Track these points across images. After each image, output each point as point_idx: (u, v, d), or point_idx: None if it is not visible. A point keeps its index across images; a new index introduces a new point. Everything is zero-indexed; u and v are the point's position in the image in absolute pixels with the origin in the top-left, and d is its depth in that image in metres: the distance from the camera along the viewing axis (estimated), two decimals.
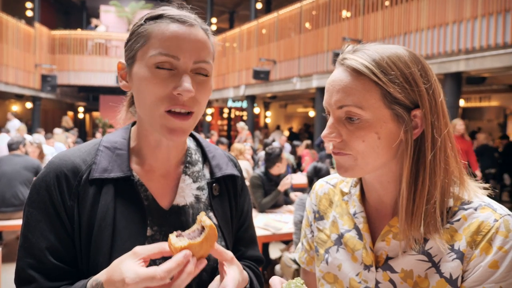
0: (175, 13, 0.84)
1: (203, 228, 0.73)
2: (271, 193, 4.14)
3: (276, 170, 4.22)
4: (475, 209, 0.78)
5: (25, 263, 0.81)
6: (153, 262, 0.80)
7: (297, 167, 8.91)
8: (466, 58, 6.66)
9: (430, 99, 0.78)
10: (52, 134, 8.61)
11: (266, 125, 15.57)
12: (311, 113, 16.99)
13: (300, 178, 6.53)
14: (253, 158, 6.95)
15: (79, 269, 0.83)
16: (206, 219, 0.73)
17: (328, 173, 3.49)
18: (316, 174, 3.51)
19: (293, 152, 9.35)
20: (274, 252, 5.05)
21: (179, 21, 0.82)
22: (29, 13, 15.79)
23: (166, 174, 0.93)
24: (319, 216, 1.01)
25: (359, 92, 0.77)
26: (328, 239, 0.96)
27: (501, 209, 0.78)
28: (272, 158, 4.19)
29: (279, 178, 4.29)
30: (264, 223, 3.72)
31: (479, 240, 0.75)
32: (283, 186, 4.11)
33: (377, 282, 0.84)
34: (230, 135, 18.59)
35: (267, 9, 15.27)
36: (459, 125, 5.95)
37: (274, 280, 0.79)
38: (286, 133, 16.55)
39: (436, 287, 0.77)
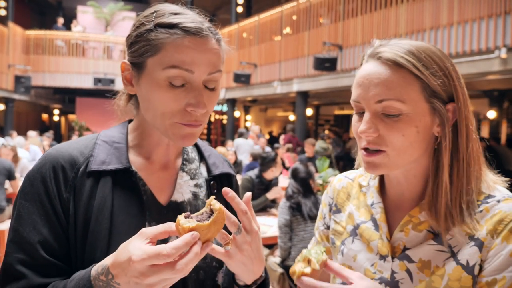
0: (189, 23, 0.80)
1: (211, 211, 0.72)
2: (259, 198, 4.12)
3: (270, 174, 4.21)
4: (498, 201, 0.79)
5: (14, 259, 0.77)
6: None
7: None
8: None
9: (462, 93, 0.80)
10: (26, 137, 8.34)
11: (246, 128, 15.57)
12: (291, 117, 17.09)
13: (282, 181, 6.53)
14: (235, 163, 6.91)
15: (72, 265, 0.80)
16: (215, 203, 0.72)
17: (306, 172, 3.50)
18: (293, 176, 3.51)
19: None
20: None
21: (195, 34, 0.80)
22: (2, 12, 15.30)
23: (165, 169, 0.93)
24: (336, 209, 1.01)
25: (400, 85, 0.76)
26: (344, 231, 0.96)
27: None
28: (267, 162, 4.18)
29: (270, 182, 4.28)
30: None
31: (500, 229, 0.75)
32: (273, 194, 4.09)
33: (392, 272, 0.83)
34: (210, 139, 18.48)
35: (248, 13, 15.29)
36: None
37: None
38: (266, 136, 16.58)
39: (452, 274, 0.77)
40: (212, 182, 0.97)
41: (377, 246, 0.87)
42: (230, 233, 0.80)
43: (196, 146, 1.03)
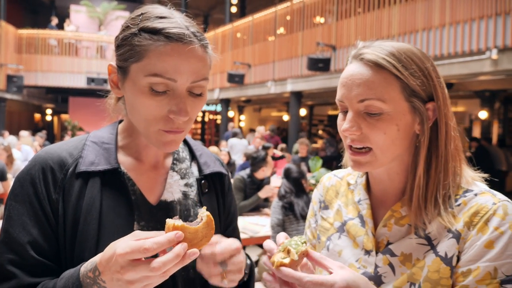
0: (173, 28, 0.79)
1: (202, 221, 0.72)
2: (251, 198, 4.13)
3: (261, 174, 4.22)
4: (475, 195, 0.82)
5: (5, 259, 0.77)
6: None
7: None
8: (435, 64, 6.88)
9: (442, 92, 0.84)
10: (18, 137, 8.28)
11: (240, 128, 15.59)
12: (285, 117, 17.11)
13: (275, 181, 6.55)
14: (229, 163, 6.91)
15: (62, 265, 0.81)
16: (205, 211, 0.73)
17: (298, 172, 3.52)
18: (286, 175, 3.53)
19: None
20: (251, 255, 5.02)
21: (178, 40, 0.78)
22: None
23: (155, 169, 0.93)
24: (324, 206, 1.04)
25: (381, 86, 0.80)
26: (330, 227, 0.98)
27: (501, 195, 0.81)
28: (257, 162, 4.19)
29: (262, 182, 4.29)
30: (242, 226, 3.70)
31: (476, 221, 0.78)
32: (265, 193, 4.10)
33: (376, 266, 0.86)
34: (204, 139, 18.45)
35: (242, 13, 15.29)
36: None
37: (279, 236, 0.79)
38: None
39: (431, 266, 0.79)
40: (203, 181, 0.97)
41: (363, 242, 0.89)
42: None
43: (188, 145, 1.03)
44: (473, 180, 0.86)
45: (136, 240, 0.67)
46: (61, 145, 0.88)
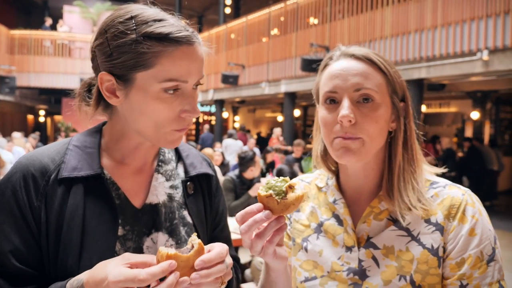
0: (178, 32, 0.79)
1: (193, 248, 0.72)
2: (242, 197, 4.14)
3: (250, 174, 4.22)
4: (444, 187, 0.91)
5: None
6: None
7: (266, 171, 8.95)
8: (427, 65, 6.95)
9: (409, 93, 0.93)
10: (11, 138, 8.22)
11: (235, 129, 15.62)
12: (280, 118, 17.14)
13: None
14: (223, 163, 6.92)
15: (46, 273, 0.80)
16: (196, 238, 0.73)
17: (291, 173, 3.55)
18: (278, 176, 3.56)
19: (264, 157, 9.41)
20: (244, 256, 5.03)
21: (186, 43, 0.79)
22: None
23: (140, 171, 0.92)
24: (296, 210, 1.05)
25: (375, 78, 0.87)
26: (305, 229, 1.00)
27: (462, 186, 0.92)
28: (246, 162, 4.20)
29: (252, 182, 4.30)
30: (234, 227, 3.70)
31: (454, 213, 0.86)
32: (255, 190, 4.11)
33: (360, 261, 0.89)
34: (198, 140, 18.41)
35: (236, 14, 15.30)
36: None
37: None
38: (254, 137, 16.59)
39: (420, 258, 0.86)
40: (188, 183, 0.96)
41: (343, 239, 0.92)
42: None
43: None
44: (430, 174, 0.94)
45: (127, 265, 0.68)
46: (43, 150, 0.86)
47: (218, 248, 0.74)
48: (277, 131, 9.83)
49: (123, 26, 0.79)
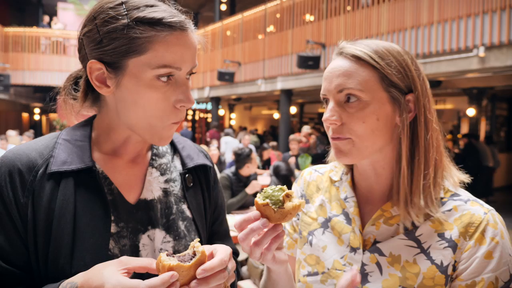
0: (171, 17, 0.76)
1: (194, 254, 0.69)
2: (239, 195, 4.12)
3: (246, 170, 4.21)
4: (465, 202, 0.84)
5: None
6: (140, 277, 0.73)
7: (263, 168, 8.95)
8: (424, 62, 6.95)
9: (421, 84, 0.85)
10: (5, 136, 8.15)
11: (231, 127, 15.58)
12: (276, 115, 17.12)
13: (267, 179, 6.56)
14: (219, 160, 6.90)
15: (34, 274, 0.76)
16: (199, 245, 0.70)
17: (287, 170, 3.54)
18: (275, 173, 3.54)
19: (260, 154, 9.41)
20: (240, 253, 5.02)
21: (180, 28, 0.77)
22: None
23: (133, 165, 0.89)
24: (305, 200, 1.03)
25: (359, 75, 0.82)
26: (313, 222, 0.98)
27: (486, 204, 0.85)
28: (242, 158, 4.18)
29: (248, 179, 4.28)
30: (231, 224, 3.69)
31: (472, 232, 0.80)
32: (252, 189, 4.09)
33: (363, 264, 0.86)
34: (194, 137, 18.38)
35: (232, 11, 15.25)
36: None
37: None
38: (250, 137, 16.55)
39: (426, 273, 0.81)
40: (187, 175, 0.93)
41: (349, 239, 0.89)
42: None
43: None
44: (457, 184, 0.87)
45: (124, 271, 0.65)
46: (31, 144, 0.82)
47: (220, 255, 0.70)
48: (305, 129, 9.71)
49: (113, 11, 0.76)
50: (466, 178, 0.89)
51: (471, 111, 10.56)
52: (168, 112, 0.78)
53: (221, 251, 0.72)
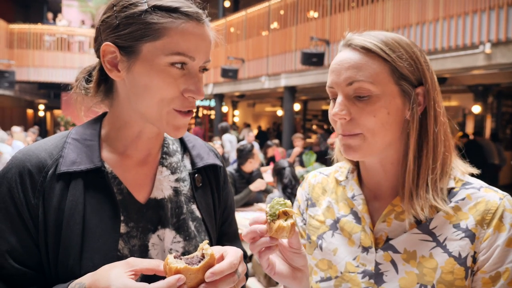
0: (188, 7, 0.78)
1: (203, 256, 0.68)
2: (243, 191, 4.11)
3: (249, 166, 4.20)
4: (478, 189, 0.81)
5: None
6: (147, 279, 0.72)
7: (267, 165, 8.95)
8: (429, 58, 6.88)
9: (431, 76, 0.83)
10: (10, 132, 8.20)
11: (234, 123, 15.56)
12: (279, 112, 17.09)
13: (267, 177, 6.55)
14: (223, 157, 6.90)
15: (45, 273, 0.76)
16: (208, 247, 0.68)
17: (290, 167, 3.53)
18: (278, 172, 3.54)
19: (264, 152, 9.40)
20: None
21: (196, 19, 0.78)
22: None
23: (143, 164, 0.88)
24: (311, 204, 1.00)
25: (370, 68, 0.80)
26: (321, 225, 0.95)
27: (500, 190, 0.82)
28: (244, 154, 4.17)
29: (251, 175, 4.27)
30: (239, 224, 3.69)
31: (489, 219, 0.77)
32: (256, 187, 4.08)
33: (377, 264, 0.83)
34: (204, 135, 18.38)
35: (235, 8, 15.20)
36: None
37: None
38: (255, 131, 16.56)
39: (444, 267, 0.77)
40: (196, 175, 0.92)
41: (360, 238, 0.86)
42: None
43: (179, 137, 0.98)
44: (464, 173, 0.85)
45: (131, 273, 0.65)
46: (40, 144, 0.82)
47: (230, 258, 0.69)
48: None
49: (138, 2, 0.77)
50: (474, 170, 0.86)
51: (476, 108, 10.49)
52: (174, 98, 0.78)
53: (231, 253, 0.70)
